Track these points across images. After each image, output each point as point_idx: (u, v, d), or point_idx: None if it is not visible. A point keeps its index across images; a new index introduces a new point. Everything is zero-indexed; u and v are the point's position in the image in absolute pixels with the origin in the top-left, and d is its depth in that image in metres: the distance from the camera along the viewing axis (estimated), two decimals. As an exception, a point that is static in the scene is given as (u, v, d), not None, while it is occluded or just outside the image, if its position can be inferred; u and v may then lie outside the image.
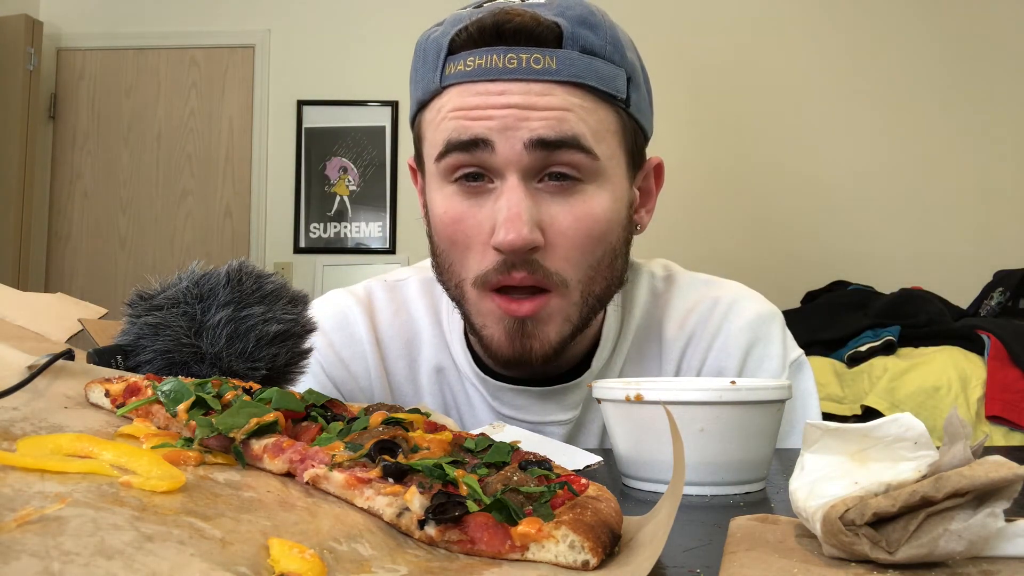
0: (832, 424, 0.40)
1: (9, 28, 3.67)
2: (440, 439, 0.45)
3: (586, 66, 0.72)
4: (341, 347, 0.88)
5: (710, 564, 0.38)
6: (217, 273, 0.61)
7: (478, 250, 0.74)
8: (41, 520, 0.29)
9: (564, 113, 0.71)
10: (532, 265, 0.72)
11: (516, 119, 0.71)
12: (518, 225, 0.70)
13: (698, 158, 3.82)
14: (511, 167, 0.72)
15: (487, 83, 0.72)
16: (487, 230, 0.73)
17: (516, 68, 0.71)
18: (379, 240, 3.93)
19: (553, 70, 0.71)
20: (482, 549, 0.37)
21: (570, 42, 0.72)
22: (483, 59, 0.72)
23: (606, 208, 0.75)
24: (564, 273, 0.74)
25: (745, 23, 3.87)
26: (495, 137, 0.71)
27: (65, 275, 3.97)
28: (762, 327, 0.87)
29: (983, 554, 0.34)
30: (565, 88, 0.72)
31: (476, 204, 0.74)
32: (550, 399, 0.84)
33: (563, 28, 0.72)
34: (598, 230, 0.75)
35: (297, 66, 3.96)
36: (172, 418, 0.45)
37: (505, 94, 0.71)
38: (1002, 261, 3.27)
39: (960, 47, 3.78)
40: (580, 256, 0.74)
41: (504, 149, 0.71)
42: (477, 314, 0.77)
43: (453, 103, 0.73)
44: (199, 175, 4.00)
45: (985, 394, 2.55)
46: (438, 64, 0.74)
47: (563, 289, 0.74)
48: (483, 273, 0.74)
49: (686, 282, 0.91)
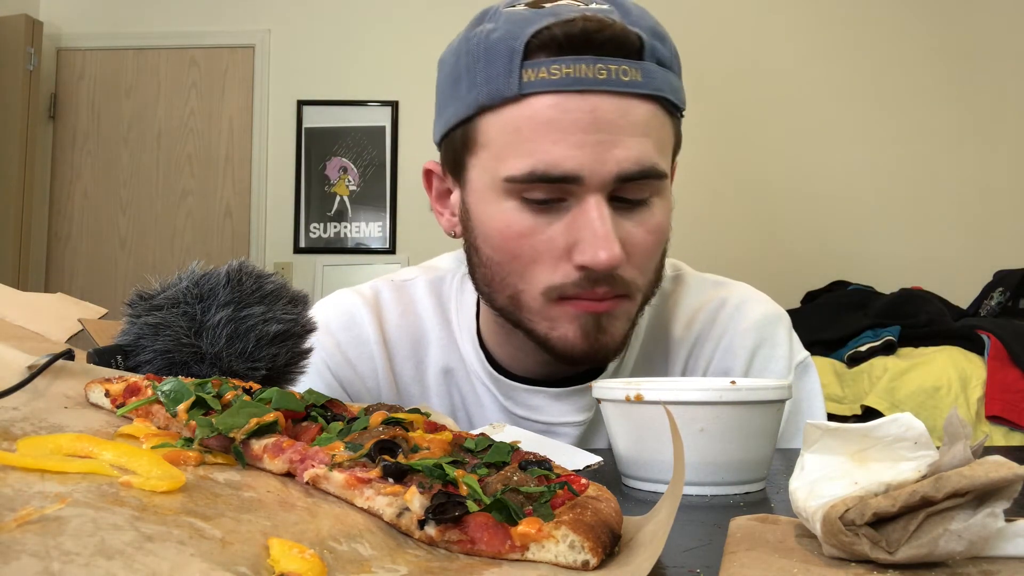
0: (832, 424, 0.40)
1: (9, 28, 3.67)
2: (440, 439, 0.45)
3: (663, 79, 0.72)
4: (348, 347, 0.88)
5: (710, 564, 0.38)
6: (217, 273, 0.61)
7: (548, 264, 0.73)
8: (41, 520, 0.29)
9: (644, 140, 0.71)
10: (613, 280, 0.72)
11: (604, 148, 0.69)
12: (610, 244, 0.69)
13: (698, 158, 3.81)
14: (594, 190, 0.71)
15: (576, 96, 0.69)
16: (561, 245, 0.72)
17: (606, 80, 0.69)
18: (379, 240, 3.93)
19: (639, 83, 0.70)
20: (482, 549, 0.37)
21: (649, 54, 0.71)
22: (571, 68, 0.69)
23: (667, 217, 0.77)
24: (638, 281, 0.75)
25: (746, 24, 3.87)
26: (585, 172, 0.69)
27: (65, 275, 3.97)
28: (768, 328, 0.87)
29: (983, 554, 0.34)
30: (647, 104, 0.71)
31: (545, 220, 0.72)
32: (564, 400, 0.84)
33: (644, 39, 0.70)
34: (663, 239, 0.77)
35: (297, 66, 3.96)
36: (172, 418, 0.45)
37: (595, 111, 0.69)
38: (1002, 261, 3.27)
39: (960, 48, 3.78)
40: (650, 265, 0.76)
41: (593, 180, 0.70)
42: (544, 319, 0.76)
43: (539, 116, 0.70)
44: (199, 175, 4.00)
45: (985, 394, 2.55)
46: (512, 68, 0.70)
47: (635, 294, 0.76)
48: (558, 286, 0.73)
49: (694, 282, 0.91)
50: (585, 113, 0.69)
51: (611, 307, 0.74)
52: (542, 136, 0.70)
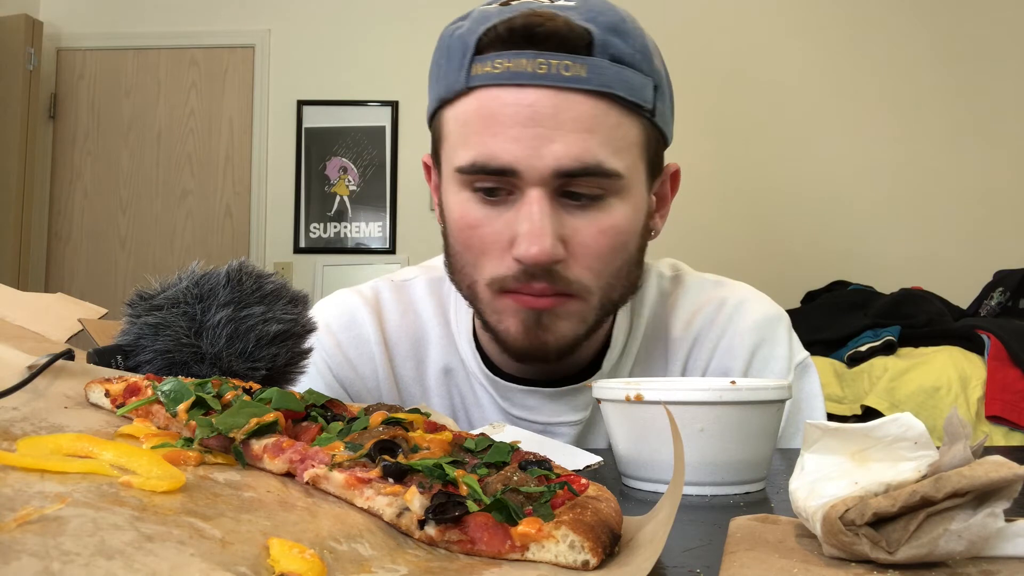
0: (832, 424, 0.40)
1: (9, 28, 3.67)
2: (440, 439, 0.45)
3: (615, 75, 0.71)
4: (349, 347, 0.88)
5: (710, 564, 0.38)
6: (217, 273, 0.61)
7: (495, 256, 0.74)
8: (41, 520, 0.29)
9: (587, 135, 0.70)
10: (552, 276, 0.72)
11: (541, 141, 0.69)
12: (542, 239, 0.70)
13: (698, 158, 3.82)
14: (534, 184, 0.71)
15: (514, 89, 0.70)
16: (506, 238, 0.73)
17: (546, 74, 0.69)
18: (379, 240, 3.93)
19: (583, 78, 0.69)
20: (482, 549, 0.37)
21: (600, 50, 0.70)
22: (512, 62, 0.70)
23: (628, 219, 0.75)
24: (585, 281, 0.74)
25: (746, 24, 3.87)
26: (520, 165, 0.70)
27: (65, 275, 3.97)
28: (768, 329, 0.87)
29: (983, 554, 0.34)
30: (592, 99, 0.70)
31: (494, 212, 0.74)
32: (560, 400, 0.84)
33: (594, 35, 0.70)
34: (620, 241, 0.74)
35: (297, 66, 3.96)
36: (172, 418, 0.45)
37: (533, 105, 0.69)
38: (1002, 261, 3.27)
39: (960, 48, 3.78)
40: (602, 266, 0.74)
41: (529, 175, 0.70)
42: (492, 311, 0.77)
43: (480, 109, 0.72)
44: (199, 175, 4.00)
45: (985, 394, 2.55)
46: (464, 63, 0.72)
47: (584, 294, 0.74)
48: (500, 278, 0.74)
49: (694, 282, 0.91)
50: (523, 107, 0.70)
51: (552, 304, 0.74)
52: (483, 128, 0.71)
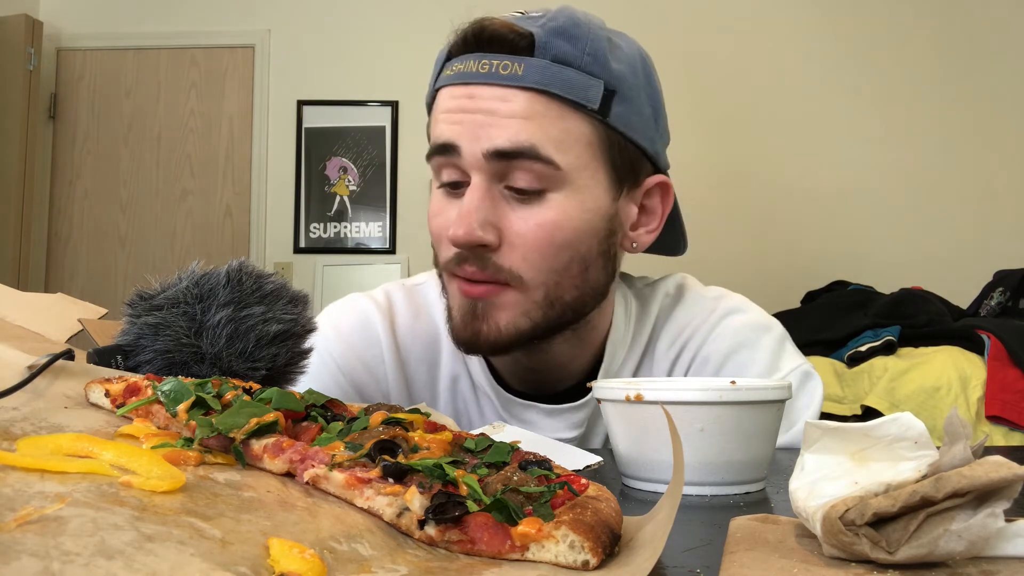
0: (832, 424, 0.40)
1: (9, 28, 3.67)
2: (440, 439, 0.45)
3: (553, 75, 0.74)
4: (362, 350, 0.89)
5: (710, 564, 0.38)
6: (217, 273, 0.61)
7: (443, 241, 0.79)
8: (41, 520, 0.29)
9: (524, 122, 0.74)
10: (483, 261, 0.76)
11: (479, 126, 0.75)
12: (467, 222, 0.74)
13: (698, 158, 3.82)
14: (475, 170, 0.76)
15: (462, 87, 0.77)
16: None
17: (487, 73, 0.75)
18: (379, 240, 3.93)
19: (519, 76, 0.74)
20: (482, 549, 0.37)
21: (542, 51, 0.75)
22: (462, 64, 0.77)
23: (572, 216, 0.76)
24: (519, 271, 0.76)
25: (746, 24, 3.87)
26: (461, 142, 0.76)
27: (65, 275, 3.97)
28: (750, 334, 0.87)
29: (983, 554, 0.34)
30: (530, 95, 0.74)
31: (451, 203, 0.79)
32: (556, 416, 0.85)
33: (536, 37, 0.75)
34: (561, 237, 0.76)
35: (297, 66, 3.96)
36: (172, 418, 0.45)
37: (475, 98, 0.76)
38: (1002, 261, 3.27)
39: (960, 48, 3.78)
40: (540, 259, 0.76)
41: (468, 154, 0.76)
42: (448, 298, 0.81)
43: (439, 106, 0.79)
44: (199, 175, 4.00)
45: (985, 394, 2.55)
46: (436, 72, 0.81)
47: (519, 284, 0.76)
48: (445, 261, 0.79)
49: (691, 298, 0.91)
50: (466, 99, 0.76)
51: (485, 293, 0.76)
52: (437, 120, 0.79)
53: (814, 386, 0.86)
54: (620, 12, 3.79)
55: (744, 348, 0.86)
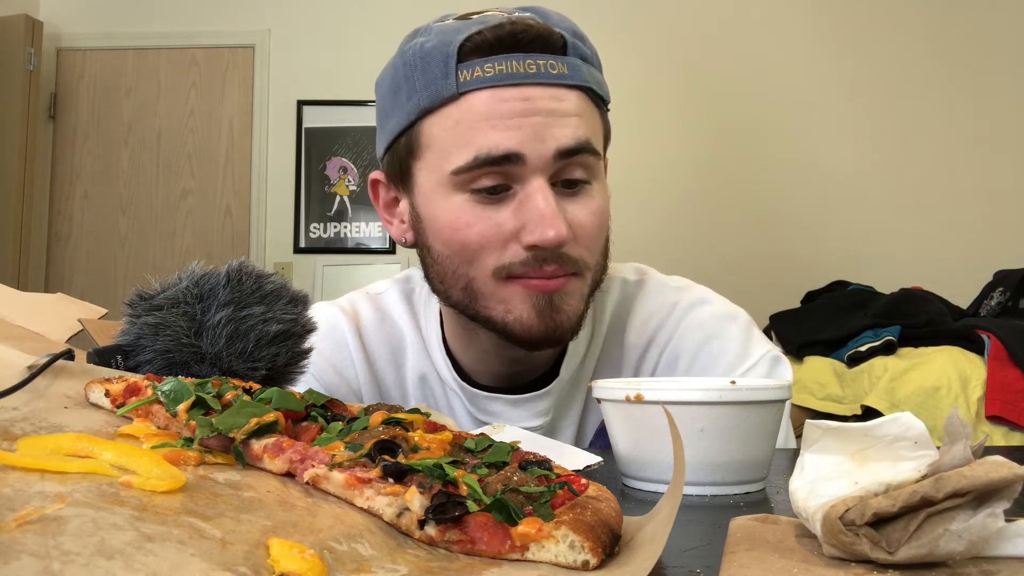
0: (832, 424, 0.40)
1: (9, 28, 3.67)
2: (440, 439, 0.45)
3: (588, 73, 0.78)
4: (330, 354, 0.90)
5: (710, 564, 0.38)
6: (217, 273, 0.61)
7: (495, 248, 0.76)
8: (41, 520, 0.29)
9: (579, 119, 0.76)
10: (561, 258, 0.76)
11: (542, 127, 0.74)
12: (557, 223, 0.74)
13: (698, 158, 3.82)
14: (539, 172, 0.75)
15: (510, 88, 0.74)
16: (508, 229, 0.75)
17: (536, 73, 0.75)
18: (379, 240, 3.93)
19: (566, 75, 0.76)
20: (482, 549, 0.37)
21: (572, 51, 0.77)
22: (503, 64, 0.74)
23: (607, 201, 0.82)
24: (585, 259, 0.79)
25: (745, 22, 3.87)
26: (526, 149, 0.74)
27: (65, 275, 3.97)
28: (716, 326, 0.88)
29: (983, 554, 0.34)
30: (575, 93, 0.77)
31: (491, 209, 0.76)
32: (520, 406, 0.86)
33: (566, 38, 0.77)
34: (604, 221, 0.81)
35: (297, 66, 3.96)
36: (172, 418, 0.45)
37: (530, 99, 0.75)
38: (1002, 261, 3.27)
39: (960, 47, 3.78)
40: (596, 244, 0.80)
41: (534, 159, 0.74)
42: (498, 302, 0.78)
43: (477, 109, 0.74)
44: (199, 175, 4.00)
45: (985, 394, 2.55)
46: (448, 70, 0.75)
47: (585, 272, 0.79)
48: (507, 265, 0.76)
49: (654, 287, 0.92)
50: (520, 101, 0.75)
51: (562, 284, 0.77)
52: (481, 125, 0.74)
53: (784, 371, 0.87)
54: (621, 12, 3.80)
55: (713, 339, 0.87)
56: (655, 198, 3.69)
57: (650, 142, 3.70)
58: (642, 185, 3.63)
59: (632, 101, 3.47)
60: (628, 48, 3.63)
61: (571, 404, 0.88)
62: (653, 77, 3.80)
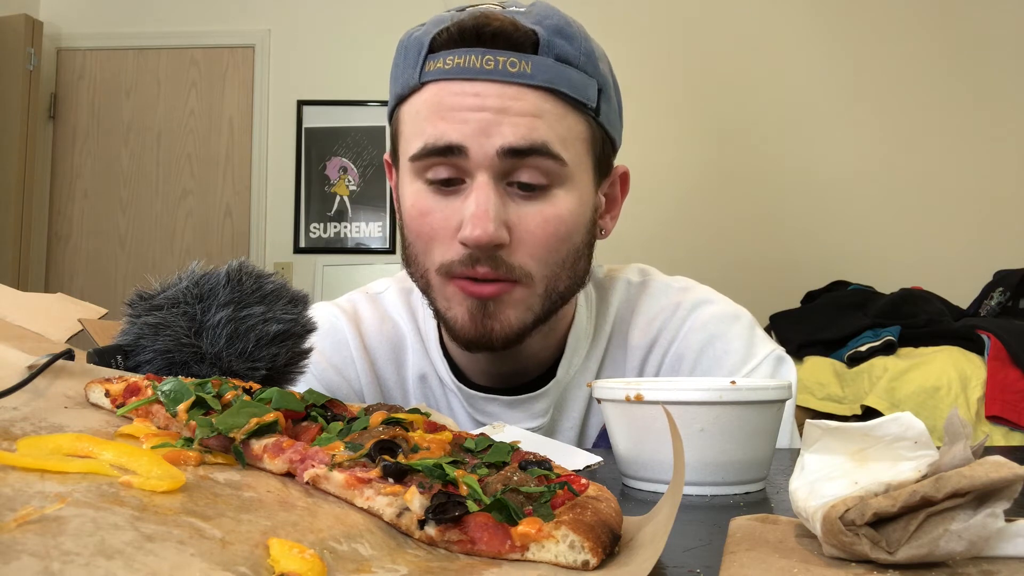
0: (832, 424, 0.40)
1: (9, 28, 3.67)
2: (440, 439, 0.45)
3: (559, 74, 0.75)
4: (331, 354, 0.90)
5: (710, 564, 0.38)
6: (217, 273, 0.61)
7: (443, 242, 0.76)
8: (41, 520, 0.29)
9: (534, 120, 0.74)
10: (495, 260, 0.75)
11: (489, 124, 0.73)
12: (484, 222, 0.72)
13: (698, 158, 3.82)
14: (483, 169, 0.74)
15: (463, 82, 0.74)
16: (454, 224, 0.75)
17: (492, 70, 0.74)
18: (379, 240, 3.93)
19: (528, 74, 0.74)
20: (482, 549, 0.37)
21: (546, 49, 0.74)
22: (461, 58, 0.74)
23: (572, 211, 0.77)
24: (528, 268, 0.76)
25: (745, 22, 3.87)
26: (469, 143, 0.73)
27: (65, 275, 3.97)
28: (719, 326, 0.87)
29: (983, 554, 0.34)
30: (538, 93, 0.74)
31: (444, 201, 0.76)
32: (518, 407, 0.86)
33: (540, 35, 0.74)
34: (564, 231, 0.77)
35: (297, 66, 3.96)
36: (172, 418, 0.45)
37: (480, 96, 0.73)
38: (1002, 261, 3.27)
39: (960, 47, 3.78)
40: (546, 254, 0.77)
41: (477, 155, 0.73)
42: (442, 298, 0.79)
43: (430, 100, 0.76)
44: (199, 175, 4.00)
45: (985, 394, 2.55)
46: (418, 61, 0.77)
47: (527, 281, 0.77)
48: (447, 263, 0.76)
49: (657, 288, 0.92)
50: (470, 96, 0.74)
51: (496, 292, 0.76)
52: (433, 115, 0.75)
53: (787, 370, 0.87)
54: (621, 13, 3.80)
55: (717, 340, 0.86)
56: (656, 198, 3.69)
57: (651, 143, 3.70)
58: (643, 186, 3.61)
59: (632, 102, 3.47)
60: (628, 49, 3.63)
61: (572, 405, 0.88)
62: (654, 78, 3.79)
